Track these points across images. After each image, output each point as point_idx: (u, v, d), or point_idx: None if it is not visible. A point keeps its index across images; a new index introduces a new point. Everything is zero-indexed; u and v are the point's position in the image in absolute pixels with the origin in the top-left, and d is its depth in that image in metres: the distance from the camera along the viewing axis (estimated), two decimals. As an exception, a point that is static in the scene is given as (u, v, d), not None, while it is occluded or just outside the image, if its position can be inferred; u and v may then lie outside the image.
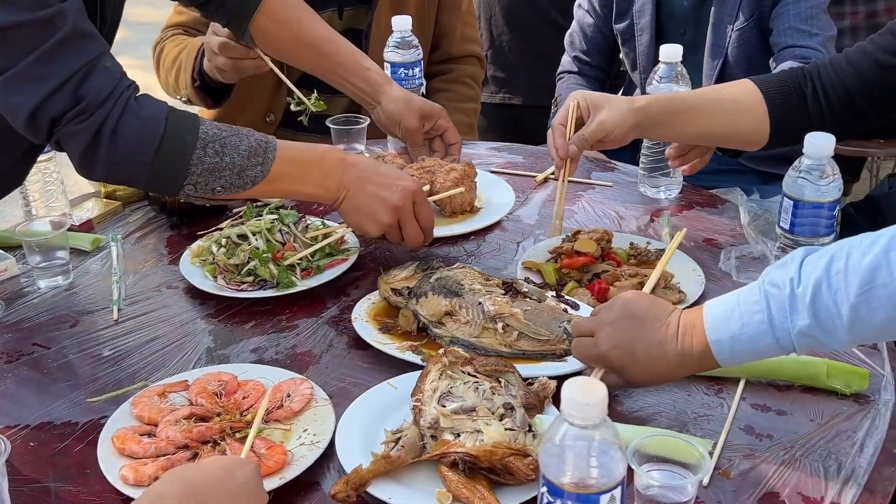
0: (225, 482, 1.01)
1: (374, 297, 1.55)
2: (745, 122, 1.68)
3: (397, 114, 1.84)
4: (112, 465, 1.19)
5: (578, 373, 1.31)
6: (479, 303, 1.43)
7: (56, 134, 1.35)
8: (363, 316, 1.50)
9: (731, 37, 2.24)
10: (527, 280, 1.55)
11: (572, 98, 1.69)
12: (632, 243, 1.67)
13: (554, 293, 1.50)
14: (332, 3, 2.27)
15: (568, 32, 2.59)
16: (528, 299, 1.45)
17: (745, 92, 1.69)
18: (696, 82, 2.11)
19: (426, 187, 1.71)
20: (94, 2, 1.49)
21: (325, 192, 1.54)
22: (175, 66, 2.19)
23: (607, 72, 2.62)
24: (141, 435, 1.24)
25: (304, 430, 1.26)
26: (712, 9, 2.26)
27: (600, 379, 1.22)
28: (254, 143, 1.44)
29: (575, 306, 1.47)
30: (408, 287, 1.51)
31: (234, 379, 1.35)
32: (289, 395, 1.31)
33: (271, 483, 1.15)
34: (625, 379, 1.23)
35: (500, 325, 1.40)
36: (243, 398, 1.32)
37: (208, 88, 2.14)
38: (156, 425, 1.26)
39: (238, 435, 1.24)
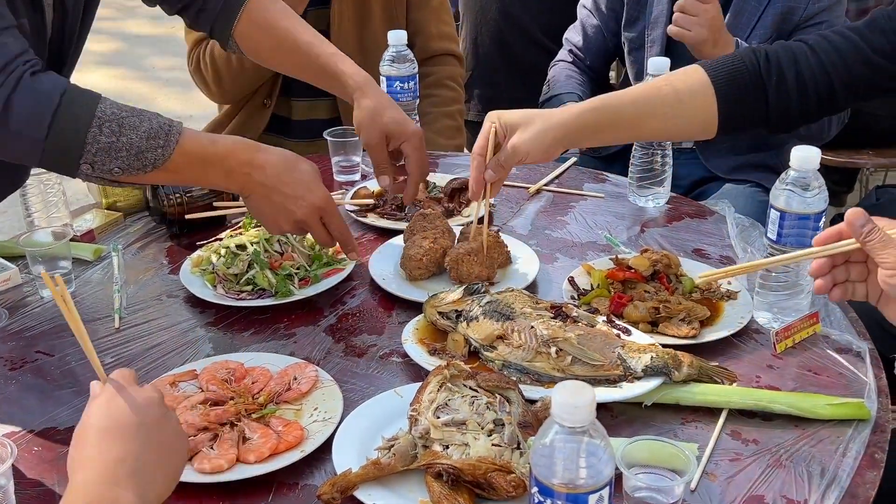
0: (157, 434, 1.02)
1: (418, 319, 1.54)
2: (689, 116, 1.58)
3: (359, 126, 1.73)
4: None
5: (654, 405, 1.33)
6: (532, 326, 1.41)
7: None
8: (411, 339, 1.49)
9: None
10: (571, 298, 1.57)
11: (488, 120, 1.59)
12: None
13: (605, 318, 1.48)
14: None
15: (568, 29, 2.60)
16: (578, 323, 1.44)
17: (690, 81, 1.58)
18: None
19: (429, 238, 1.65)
20: None
21: (228, 187, 1.53)
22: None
23: (599, 73, 2.63)
24: None
25: (315, 409, 1.33)
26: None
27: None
28: (155, 125, 1.38)
29: (627, 331, 1.45)
30: (456, 310, 1.49)
31: (241, 366, 1.42)
32: (295, 378, 1.39)
33: (294, 456, 1.23)
34: None
35: (553, 349, 1.38)
36: (252, 383, 1.38)
37: None
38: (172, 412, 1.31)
39: (254, 415, 1.31)
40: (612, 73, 3.34)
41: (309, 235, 1.69)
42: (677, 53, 2.26)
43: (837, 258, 1.20)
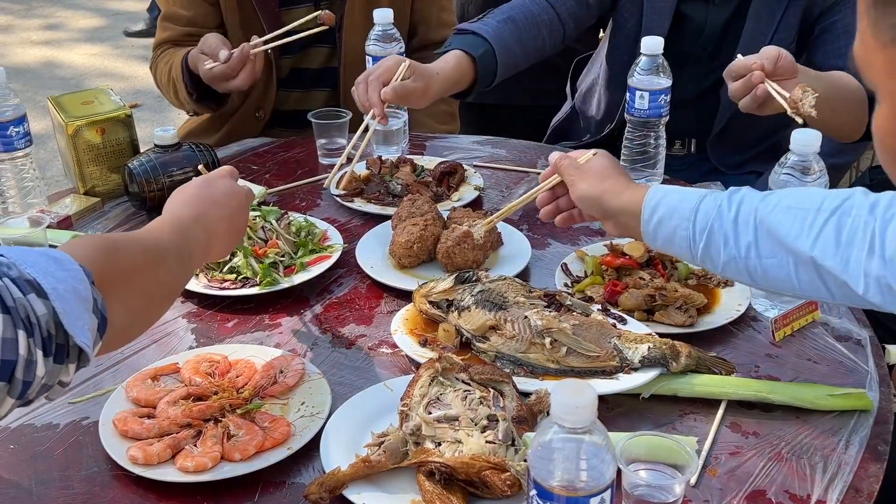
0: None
1: (408, 308, 1.49)
2: (858, 112, 1.75)
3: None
4: (117, 448, 1.20)
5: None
6: (525, 316, 1.37)
7: None
8: (401, 329, 1.44)
9: None
10: (565, 285, 1.53)
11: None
12: None
13: (599, 306, 1.44)
14: None
15: None
16: (573, 313, 1.40)
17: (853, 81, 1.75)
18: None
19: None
20: None
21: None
22: (171, 85, 2.20)
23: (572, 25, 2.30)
24: (140, 417, 1.26)
25: (302, 404, 1.29)
26: (745, 25, 2.06)
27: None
28: None
29: (622, 320, 1.41)
30: (447, 300, 1.44)
31: (224, 359, 1.38)
32: (281, 371, 1.34)
33: (280, 454, 1.19)
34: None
35: (548, 340, 1.34)
36: (237, 376, 1.34)
37: (208, 95, 2.14)
38: (153, 407, 1.28)
39: (239, 411, 1.26)
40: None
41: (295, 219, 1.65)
42: (689, 56, 2.18)
43: (558, 189, 1.43)
